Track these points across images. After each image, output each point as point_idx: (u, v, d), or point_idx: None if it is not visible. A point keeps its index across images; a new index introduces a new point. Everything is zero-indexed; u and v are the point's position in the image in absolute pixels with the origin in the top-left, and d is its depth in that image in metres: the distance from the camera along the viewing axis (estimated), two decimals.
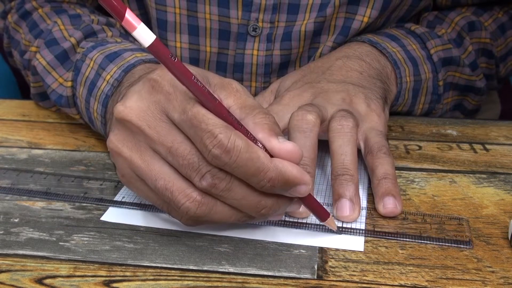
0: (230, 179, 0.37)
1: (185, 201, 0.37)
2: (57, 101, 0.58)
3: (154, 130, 0.37)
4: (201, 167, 0.36)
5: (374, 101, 0.53)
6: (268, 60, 0.62)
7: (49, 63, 0.59)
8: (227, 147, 0.35)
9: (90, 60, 0.55)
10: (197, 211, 0.37)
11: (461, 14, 0.67)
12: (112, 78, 0.51)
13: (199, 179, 0.36)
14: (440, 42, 0.64)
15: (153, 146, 0.38)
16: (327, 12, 0.60)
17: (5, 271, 0.39)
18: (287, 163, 0.37)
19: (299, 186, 0.38)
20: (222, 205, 0.38)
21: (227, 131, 0.35)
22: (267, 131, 0.37)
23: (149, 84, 0.38)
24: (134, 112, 0.38)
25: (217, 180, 0.36)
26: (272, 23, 0.61)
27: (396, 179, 0.46)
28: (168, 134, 0.37)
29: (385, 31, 0.64)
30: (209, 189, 0.37)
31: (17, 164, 0.53)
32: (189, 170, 0.37)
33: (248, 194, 0.37)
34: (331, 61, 0.58)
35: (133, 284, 0.38)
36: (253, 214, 0.38)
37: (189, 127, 0.36)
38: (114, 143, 0.40)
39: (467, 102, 0.68)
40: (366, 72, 0.57)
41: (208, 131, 0.35)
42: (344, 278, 0.38)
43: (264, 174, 0.36)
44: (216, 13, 0.60)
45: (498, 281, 0.38)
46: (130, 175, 0.40)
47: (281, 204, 0.39)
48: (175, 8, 0.61)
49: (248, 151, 0.35)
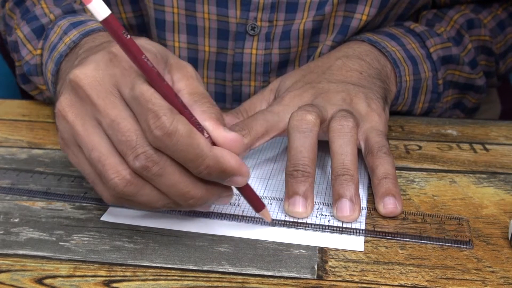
0: (163, 164, 0.37)
1: (114, 177, 0.38)
2: (28, 72, 0.59)
3: (102, 101, 0.38)
4: (137, 147, 0.37)
5: (375, 100, 0.53)
6: (267, 59, 0.62)
7: (26, 36, 0.60)
8: (169, 130, 0.35)
9: (58, 27, 0.56)
10: (124, 189, 0.38)
11: (460, 12, 0.67)
12: (70, 40, 0.52)
13: (132, 159, 0.37)
14: (440, 40, 0.64)
15: (98, 117, 0.38)
16: (326, 11, 0.60)
17: (5, 271, 0.39)
18: (227, 153, 0.38)
19: (236, 176, 0.38)
20: (151, 188, 0.38)
21: (171, 114, 0.36)
22: (214, 120, 0.38)
23: (108, 57, 0.39)
24: (88, 80, 0.38)
25: (150, 163, 0.37)
26: (270, 22, 0.61)
27: (397, 179, 0.46)
28: (114, 107, 0.38)
29: (385, 30, 0.64)
30: (141, 170, 0.37)
31: (17, 164, 0.53)
32: (125, 147, 0.37)
33: (178, 182, 0.38)
34: (331, 61, 0.58)
35: (133, 284, 0.38)
36: (181, 202, 0.39)
37: (136, 105, 0.37)
38: (62, 105, 0.40)
39: (467, 100, 0.68)
40: (366, 72, 0.57)
41: (153, 111, 0.36)
42: (344, 278, 0.38)
43: (202, 161, 0.37)
44: (214, 13, 0.60)
45: (498, 281, 0.38)
46: (69, 139, 0.40)
47: (210, 197, 0.40)
48: (173, 8, 0.61)
49: (190, 136, 0.36)
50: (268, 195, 0.47)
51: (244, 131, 0.48)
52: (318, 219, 0.44)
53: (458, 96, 0.67)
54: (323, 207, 0.45)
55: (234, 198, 0.46)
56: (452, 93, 0.66)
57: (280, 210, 0.45)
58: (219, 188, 0.40)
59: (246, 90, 0.64)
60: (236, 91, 0.65)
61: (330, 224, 0.43)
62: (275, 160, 0.53)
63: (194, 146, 0.36)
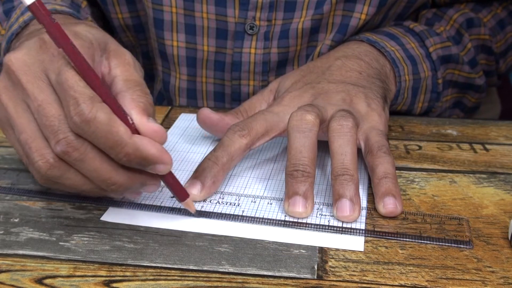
0: (84, 150, 0.38)
1: (38, 159, 0.39)
2: None
3: (31, 86, 0.39)
4: (59, 132, 0.38)
5: (374, 100, 0.53)
6: (266, 58, 0.62)
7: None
8: (87, 117, 0.37)
9: (18, 8, 0.57)
10: (47, 171, 0.39)
11: (459, 11, 0.67)
12: (22, 21, 0.53)
13: (54, 143, 0.38)
14: (439, 40, 0.64)
15: (27, 101, 0.40)
16: (324, 10, 0.60)
17: (5, 271, 0.39)
18: (148, 141, 0.39)
19: (158, 164, 0.39)
20: (75, 173, 0.40)
21: (91, 102, 0.37)
22: (140, 109, 0.39)
23: (39, 43, 0.41)
24: (19, 64, 0.40)
25: (71, 149, 0.38)
26: (269, 21, 0.61)
27: (396, 178, 0.46)
28: (41, 92, 0.39)
29: (384, 29, 0.64)
30: (62, 155, 0.38)
31: (17, 164, 0.53)
32: (49, 131, 0.38)
33: (99, 168, 0.39)
34: (330, 61, 0.58)
35: (133, 284, 0.38)
36: (104, 187, 0.40)
37: (60, 90, 0.38)
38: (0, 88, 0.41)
39: (467, 100, 0.68)
40: (365, 72, 0.57)
41: (74, 98, 0.37)
42: (344, 278, 0.38)
43: (122, 148, 0.38)
44: (213, 12, 0.60)
45: (498, 281, 0.38)
46: (4, 121, 0.42)
47: (132, 184, 0.41)
48: (172, 7, 0.61)
49: (109, 124, 0.37)
50: (268, 195, 0.47)
51: (244, 131, 0.48)
52: (318, 219, 0.44)
53: (457, 95, 0.67)
54: (323, 207, 0.45)
55: (234, 199, 0.46)
56: (452, 92, 0.66)
57: (280, 210, 0.45)
58: (142, 176, 0.41)
59: (245, 90, 0.64)
60: (235, 90, 0.65)
61: (330, 224, 0.43)
62: (275, 160, 0.53)
63: (113, 134, 0.37)
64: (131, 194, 0.44)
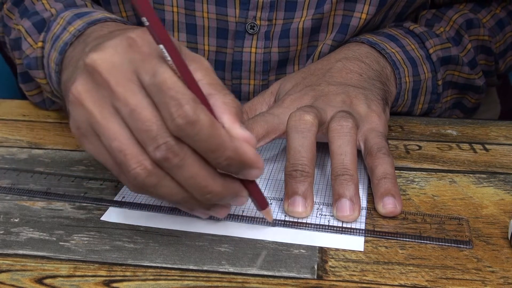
0: (184, 155, 0.36)
1: (136, 166, 0.36)
2: (28, 65, 0.58)
3: (122, 89, 0.36)
4: (158, 137, 0.36)
5: (375, 102, 0.53)
6: (266, 57, 0.62)
7: (27, 30, 0.59)
8: (192, 119, 0.35)
9: (61, 18, 0.55)
10: (145, 179, 0.37)
11: (459, 12, 0.67)
12: (74, 29, 0.51)
13: (153, 149, 0.36)
14: (439, 41, 0.64)
15: (116, 105, 0.37)
16: (325, 9, 0.60)
17: (5, 271, 0.39)
18: (246, 145, 0.37)
19: (253, 169, 0.38)
20: (170, 180, 0.37)
21: (194, 103, 0.35)
22: (233, 114, 0.37)
23: (127, 42, 0.38)
24: (106, 65, 0.37)
25: (171, 154, 0.36)
26: (270, 21, 0.61)
27: (396, 179, 0.46)
28: (134, 95, 0.36)
29: (384, 31, 0.64)
30: (162, 161, 0.36)
31: (17, 164, 0.53)
32: (146, 137, 0.36)
33: (197, 175, 0.37)
34: (330, 63, 0.58)
35: (133, 284, 0.38)
36: (199, 196, 0.38)
37: (157, 92, 0.35)
38: (78, 91, 0.38)
39: (467, 101, 0.68)
40: (365, 74, 0.57)
41: (175, 99, 0.35)
42: (344, 278, 0.38)
43: (223, 151, 0.36)
44: (213, 12, 0.60)
45: (498, 281, 0.38)
46: (86, 128, 0.38)
47: (227, 194, 0.39)
48: (173, 7, 0.61)
49: (212, 126, 0.35)
50: (268, 195, 0.47)
51: None
52: (318, 219, 0.44)
53: (457, 96, 0.67)
54: (323, 207, 0.45)
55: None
56: (452, 93, 0.66)
57: (280, 210, 0.45)
58: (235, 186, 0.39)
59: (245, 89, 0.64)
60: (235, 89, 0.65)
61: (330, 224, 0.43)
62: (275, 160, 0.53)
63: (216, 136, 0.35)
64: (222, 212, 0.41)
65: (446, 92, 0.65)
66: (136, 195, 0.47)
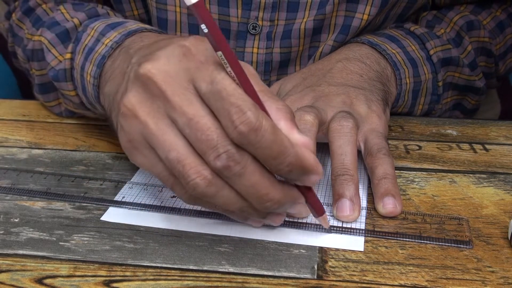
0: (245, 164, 0.36)
1: (195, 177, 0.36)
2: (54, 77, 0.57)
3: (178, 98, 0.36)
4: (218, 146, 0.35)
5: (375, 102, 0.53)
6: (268, 58, 0.62)
7: (50, 42, 0.58)
8: (255, 125, 0.34)
9: (92, 29, 0.54)
10: (205, 189, 0.36)
11: (459, 13, 0.67)
12: (111, 41, 0.50)
13: (213, 158, 0.35)
14: (440, 42, 0.64)
15: (172, 115, 0.36)
16: (327, 10, 0.60)
17: (5, 271, 0.39)
18: (306, 151, 0.37)
19: (313, 175, 0.37)
20: (229, 189, 0.37)
21: (256, 109, 0.34)
22: (289, 120, 0.37)
23: (181, 51, 0.37)
24: (161, 75, 0.36)
25: (232, 163, 0.35)
26: (272, 21, 0.61)
27: (396, 179, 0.46)
28: (191, 104, 0.35)
29: (385, 32, 0.64)
30: (222, 170, 0.35)
31: (17, 164, 0.53)
32: (206, 146, 0.35)
33: (257, 183, 0.36)
34: (331, 63, 0.58)
35: (133, 284, 0.38)
36: (257, 205, 0.38)
37: (216, 99, 0.35)
38: (132, 103, 0.37)
39: (467, 102, 0.68)
40: (366, 75, 0.57)
41: (237, 106, 0.34)
42: (344, 278, 0.38)
43: (285, 157, 0.35)
44: (216, 12, 0.60)
45: (498, 281, 0.38)
46: (139, 141, 0.38)
47: (286, 201, 0.38)
48: (176, 7, 0.61)
49: (274, 133, 0.35)
50: None
51: None
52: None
53: (457, 97, 0.67)
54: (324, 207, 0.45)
55: None
56: (452, 94, 0.66)
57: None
58: (294, 193, 0.39)
59: None
60: None
61: (330, 224, 0.43)
62: None
63: (279, 143, 0.35)
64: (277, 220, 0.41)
65: (447, 93, 0.65)
66: (136, 195, 0.47)
